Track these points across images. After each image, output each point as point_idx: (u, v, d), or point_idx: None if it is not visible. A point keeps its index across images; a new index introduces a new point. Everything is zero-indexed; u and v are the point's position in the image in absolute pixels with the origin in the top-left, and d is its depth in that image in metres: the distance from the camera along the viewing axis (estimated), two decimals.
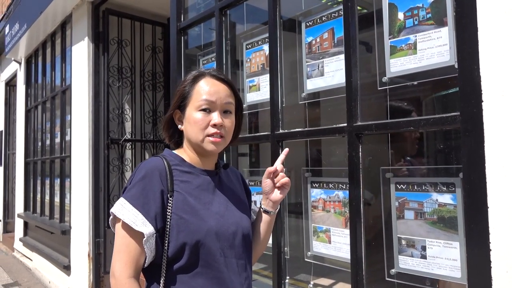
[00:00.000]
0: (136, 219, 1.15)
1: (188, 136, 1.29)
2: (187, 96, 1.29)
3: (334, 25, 1.90)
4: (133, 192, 1.19)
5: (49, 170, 5.40)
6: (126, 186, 1.23)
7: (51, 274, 4.97)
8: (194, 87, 1.29)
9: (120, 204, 1.19)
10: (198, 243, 1.19)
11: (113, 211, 1.19)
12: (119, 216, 1.17)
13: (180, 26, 2.66)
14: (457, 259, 1.48)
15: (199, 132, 1.25)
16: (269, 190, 1.38)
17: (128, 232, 1.17)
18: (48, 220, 5.27)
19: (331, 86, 1.91)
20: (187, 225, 1.19)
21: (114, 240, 1.20)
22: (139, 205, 1.17)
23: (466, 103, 1.33)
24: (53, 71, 5.36)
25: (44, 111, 5.68)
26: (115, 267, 1.16)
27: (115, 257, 1.17)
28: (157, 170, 1.23)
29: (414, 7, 1.61)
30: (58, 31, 5.09)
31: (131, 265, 1.16)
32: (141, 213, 1.16)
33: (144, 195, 1.18)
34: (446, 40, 1.51)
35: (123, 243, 1.17)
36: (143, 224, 1.15)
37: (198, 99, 1.26)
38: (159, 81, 4.40)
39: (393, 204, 1.67)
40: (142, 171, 1.22)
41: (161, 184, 1.21)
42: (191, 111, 1.27)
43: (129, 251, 1.16)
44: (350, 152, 1.68)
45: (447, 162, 1.79)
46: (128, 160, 4.16)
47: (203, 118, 1.25)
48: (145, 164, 1.25)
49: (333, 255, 1.90)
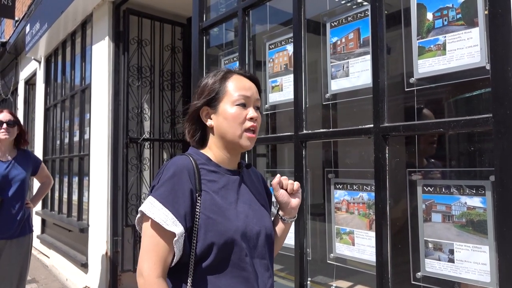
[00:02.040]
0: (167, 218, 1.14)
1: (223, 131, 1.28)
2: (219, 92, 1.28)
3: (360, 25, 1.89)
4: (162, 191, 1.18)
5: (67, 168, 5.47)
6: (154, 184, 1.22)
7: (68, 271, 5.03)
8: (227, 83, 1.29)
9: (150, 203, 1.18)
10: (225, 243, 1.19)
11: (143, 210, 1.18)
12: (149, 215, 1.16)
13: (202, 26, 2.66)
14: (487, 263, 1.46)
15: (237, 126, 1.25)
16: (287, 200, 1.41)
17: (158, 232, 1.16)
18: (66, 218, 5.34)
19: (356, 87, 1.89)
20: (215, 225, 1.19)
21: (142, 239, 1.20)
22: (169, 203, 1.16)
23: (499, 105, 1.31)
24: (72, 70, 5.43)
25: (63, 110, 5.76)
26: (144, 266, 1.15)
27: (143, 256, 1.16)
28: (186, 168, 1.22)
29: (443, 7, 1.59)
30: (78, 30, 5.16)
31: (160, 265, 1.15)
32: (171, 212, 1.15)
33: (173, 194, 1.17)
34: (477, 41, 1.48)
35: (151, 242, 1.16)
36: (174, 224, 1.14)
37: (234, 94, 1.26)
38: (178, 81, 4.42)
39: (420, 207, 1.65)
40: (170, 170, 1.21)
41: (190, 183, 1.20)
42: (226, 106, 1.26)
43: (158, 250, 1.15)
44: (377, 153, 1.66)
45: (476, 164, 1.76)
46: (146, 159, 4.19)
47: (241, 112, 1.26)
48: (173, 162, 1.24)
49: (357, 257, 1.88)
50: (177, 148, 4.37)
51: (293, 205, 1.42)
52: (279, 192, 1.40)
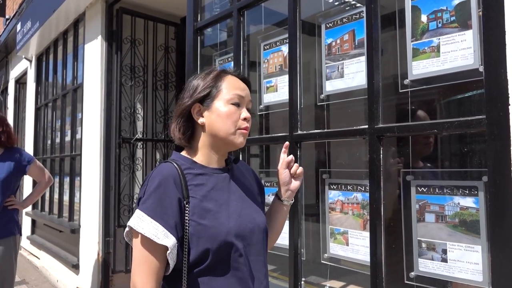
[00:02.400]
0: (157, 232, 1.12)
1: (215, 129, 1.26)
2: (213, 89, 1.27)
3: (355, 26, 1.91)
4: (150, 203, 1.15)
5: (58, 168, 5.42)
6: (140, 197, 1.20)
7: (59, 273, 4.99)
8: (222, 82, 1.28)
9: (138, 217, 1.15)
10: (220, 247, 1.18)
11: (131, 225, 1.16)
12: (138, 230, 1.13)
13: (197, 26, 2.66)
14: (479, 262, 1.48)
15: (231, 125, 1.25)
16: (288, 180, 1.42)
17: (149, 246, 1.14)
18: (57, 218, 5.29)
19: (351, 87, 1.91)
20: (207, 230, 1.18)
21: (133, 252, 1.18)
22: (157, 216, 1.14)
23: (492, 106, 1.33)
24: (64, 69, 5.39)
25: (55, 109, 5.71)
26: (137, 280, 1.14)
27: (136, 270, 1.15)
28: (171, 177, 1.19)
29: (438, 9, 1.61)
30: (70, 29, 5.12)
31: (152, 278, 1.14)
32: (161, 225, 1.13)
33: (161, 205, 1.15)
34: (470, 43, 1.50)
35: (143, 255, 1.15)
36: (165, 236, 1.13)
37: (230, 93, 1.26)
38: (171, 81, 4.41)
39: (414, 207, 1.67)
40: (155, 180, 1.18)
41: (177, 192, 1.18)
42: (221, 104, 1.25)
43: (150, 263, 1.14)
44: (371, 154, 1.68)
45: (468, 165, 1.78)
46: (139, 159, 4.17)
47: (235, 111, 1.25)
48: (157, 172, 1.21)
49: (351, 257, 1.89)
50: (170, 148, 4.36)
51: (292, 187, 1.42)
52: (284, 171, 1.40)
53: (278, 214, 1.47)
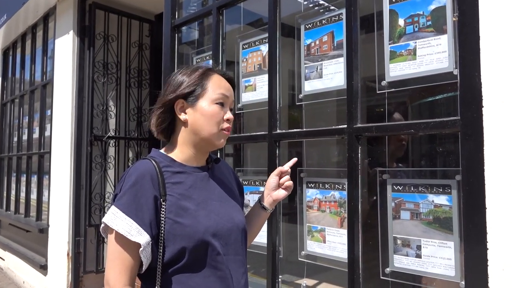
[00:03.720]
0: (131, 229, 1.12)
1: (198, 127, 1.25)
2: (198, 87, 1.26)
3: (334, 28, 1.94)
4: (125, 200, 1.15)
5: (25, 166, 5.24)
6: (116, 193, 1.19)
7: (25, 274, 4.83)
8: (209, 80, 1.27)
9: (112, 213, 1.15)
10: (196, 245, 1.18)
11: (105, 221, 1.16)
12: (112, 226, 1.13)
13: (174, 23, 2.64)
14: (452, 258, 1.54)
15: (214, 125, 1.24)
16: (274, 187, 1.44)
17: (122, 242, 1.14)
18: (24, 218, 5.12)
19: (329, 88, 1.94)
20: (183, 228, 1.18)
21: (108, 248, 1.18)
22: (132, 213, 1.14)
23: (467, 108, 1.39)
24: (33, 64, 5.21)
25: (22, 105, 5.53)
26: (109, 276, 1.14)
27: (109, 265, 1.15)
28: (148, 174, 1.19)
29: (414, 14, 1.67)
30: (40, 23, 4.96)
31: (125, 274, 1.14)
32: (135, 222, 1.13)
33: (136, 202, 1.15)
34: (445, 47, 1.56)
35: (116, 251, 1.15)
36: (139, 233, 1.13)
37: (216, 92, 1.25)
38: (145, 79, 4.35)
39: (389, 205, 1.72)
40: (132, 177, 1.17)
41: (153, 189, 1.17)
42: (206, 103, 1.25)
43: (123, 259, 1.14)
44: (350, 153, 1.71)
45: (442, 165, 1.85)
46: (111, 157, 4.09)
47: (219, 111, 1.25)
48: (134, 169, 1.20)
49: (328, 254, 1.93)
50: (143, 147, 4.30)
51: (275, 195, 1.45)
52: (274, 177, 1.44)
53: (257, 218, 1.50)
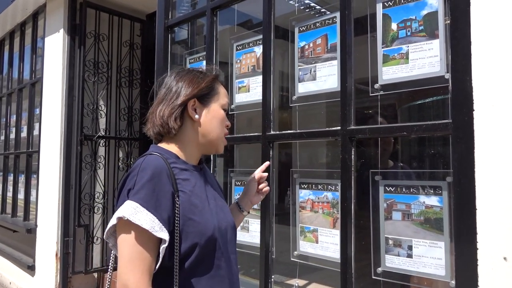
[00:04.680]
0: (154, 224, 1.08)
1: (209, 129, 1.28)
2: (212, 90, 1.29)
3: (328, 31, 1.97)
4: (144, 194, 1.11)
5: (13, 165, 5.18)
6: (129, 188, 1.14)
7: (12, 274, 4.77)
8: (220, 86, 1.31)
9: (132, 208, 1.09)
10: (207, 242, 1.19)
11: (126, 215, 1.08)
12: (135, 221, 1.07)
13: (168, 23, 2.64)
14: (442, 258, 1.57)
15: (222, 129, 1.28)
16: (253, 192, 1.52)
17: (143, 239, 1.09)
18: (11, 218, 5.05)
19: (323, 90, 1.97)
20: (196, 225, 1.18)
21: (121, 247, 1.11)
22: (152, 208, 1.10)
23: (458, 111, 1.42)
24: (21, 62, 5.15)
25: (9, 104, 5.45)
26: (130, 278, 1.06)
27: (128, 267, 1.07)
28: (164, 169, 1.17)
29: (407, 19, 1.70)
30: (29, 21, 4.91)
31: (147, 274, 1.09)
32: (156, 218, 1.09)
33: (155, 197, 1.12)
34: (437, 52, 1.60)
35: (135, 250, 1.09)
36: (161, 230, 1.09)
37: (224, 99, 1.30)
38: (136, 78, 4.33)
39: (382, 206, 1.75)
40: (147, 171, 1.14)
41: (170, 185, 1.16)
42: (218, 106, 1.28)
43: (144, 258, 1.09)
44: (343, 155, 1.74)
45: (433, 166, 1.89)
46: (101, 157, 4.07)
47: (225, 117, 1.29)
48: (147, 163, 1.17)
49: (320, 254, 1.95)
50: (134, 146, 4.28)
51: (254, 199, 1.54)
52: (253, 183, 1.50)
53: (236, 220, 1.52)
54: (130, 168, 1.24)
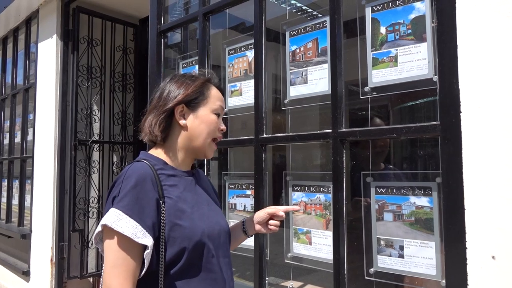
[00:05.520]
0: (137, 231, 1.11)
1: (196, 134, 1.29)
2: (201, 95, 1.30)
3: (318, 35, 1.99)
4: (127, 202, 1.13)
5: (7, 171, 5.16)
6: (114, 195, 1.17)
7: (6, 280, 4.75)
8: (210, 89, 1.32)
9: (115, 215, 1.12)
10: (195, 246, 1.21)
11: (108, 223, 1.12)
12: (117, 228, 1.10)
13: (160, 28, 2.66)
14: (433, 257, 1.60)
15: (210, 133, 1.29)
16: (261, 222, 1.54)
17: (126, 245, 1.11)
18: (5, 223, 5.03)
19: (314, 93, 1.99)
20: (182, 231, 1.19)
21: (106, 253, 1.14)
22: (135, 215, 1.12)
23: (446, 113, 1.45)
24: (14, 67, 5.14)
25: (3, 109, 5.44)
26: (112, 283, 1.10)
27: (112, 273, 1.11)
28: (149, 176, 1.19)
29: (395, 22, 1.73)
30: (22, 26, 4.90)
31: (130, 280, 1.11)
32: (139, 224, 1.12)
33: (139, 204, 1.14)
34: (425, 55, 1.63)
35: (119, 257, 1.11)
36: (144, 236, 1.11)
37: (216, 103, 1.30)
38: (129, 83, 4.34)
39: (373, 207, 1.77)
40: (132, 179, 1.16)
41: (154, 192, 1.17)
42: (207, 111, 1.29)
43: (127, 264, 1.11)
44: (335, 157, 1.76)
45: (423, 167, 1.92)
46: (95, 162, 4.07)
47: (217, 121, 1.30)
48: (133, 170, 1.19)
49: (313, 255, 1.97)
50: (128, 151, 4.28)
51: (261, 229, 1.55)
52: (266, 216, 1.53)
53: (235, 240, 1.57)
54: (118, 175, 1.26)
